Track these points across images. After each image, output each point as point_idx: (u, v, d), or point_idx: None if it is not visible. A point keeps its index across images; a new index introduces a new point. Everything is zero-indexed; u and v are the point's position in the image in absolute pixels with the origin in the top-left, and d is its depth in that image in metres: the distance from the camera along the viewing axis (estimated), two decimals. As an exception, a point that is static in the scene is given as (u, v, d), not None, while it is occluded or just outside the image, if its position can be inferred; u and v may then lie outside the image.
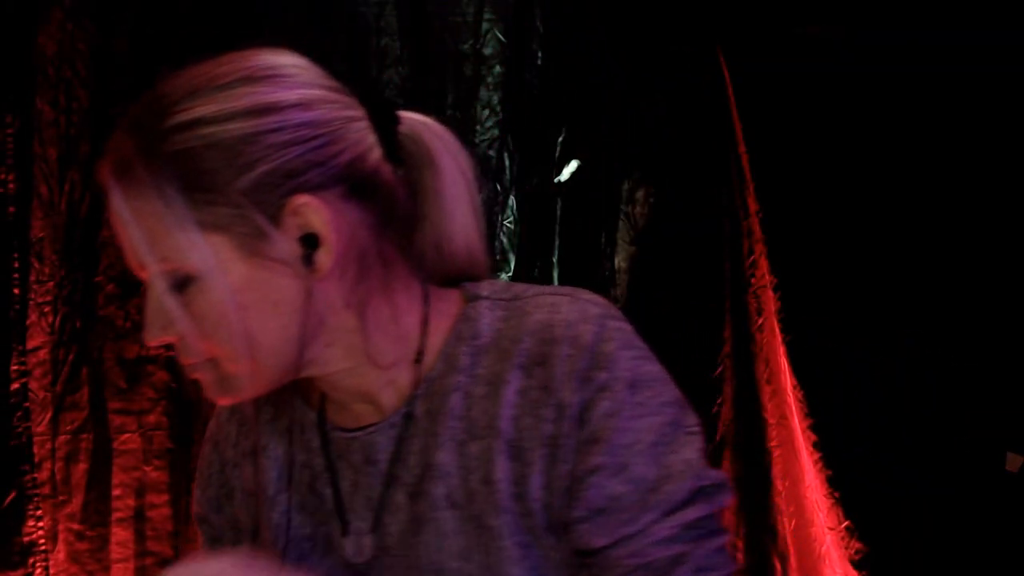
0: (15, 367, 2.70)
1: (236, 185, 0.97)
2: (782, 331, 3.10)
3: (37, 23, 2.71)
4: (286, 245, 0.99)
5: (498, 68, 3.00)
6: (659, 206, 3.09)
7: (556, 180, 3.02)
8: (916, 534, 3.11)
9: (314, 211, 0.99)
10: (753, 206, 3.11)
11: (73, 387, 2.73)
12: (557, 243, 3.02)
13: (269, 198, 0.98)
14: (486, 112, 2.99)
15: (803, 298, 3.08)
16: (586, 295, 1.09)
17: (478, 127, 2.99)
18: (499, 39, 2.98)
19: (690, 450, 1.04)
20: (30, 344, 2.71)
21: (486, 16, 2.97)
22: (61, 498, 2.73)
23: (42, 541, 2.70)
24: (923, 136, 3.07)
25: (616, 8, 3.05)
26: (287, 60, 1.04)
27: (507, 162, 2.99)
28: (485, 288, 1.11)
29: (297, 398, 1.16)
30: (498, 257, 2.98)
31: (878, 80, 3.06)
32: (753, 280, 3.11)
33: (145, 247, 0.99)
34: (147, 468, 2.77)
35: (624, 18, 3.05)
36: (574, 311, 1.05)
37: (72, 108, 2.73)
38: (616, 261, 3.07)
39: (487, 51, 2.99)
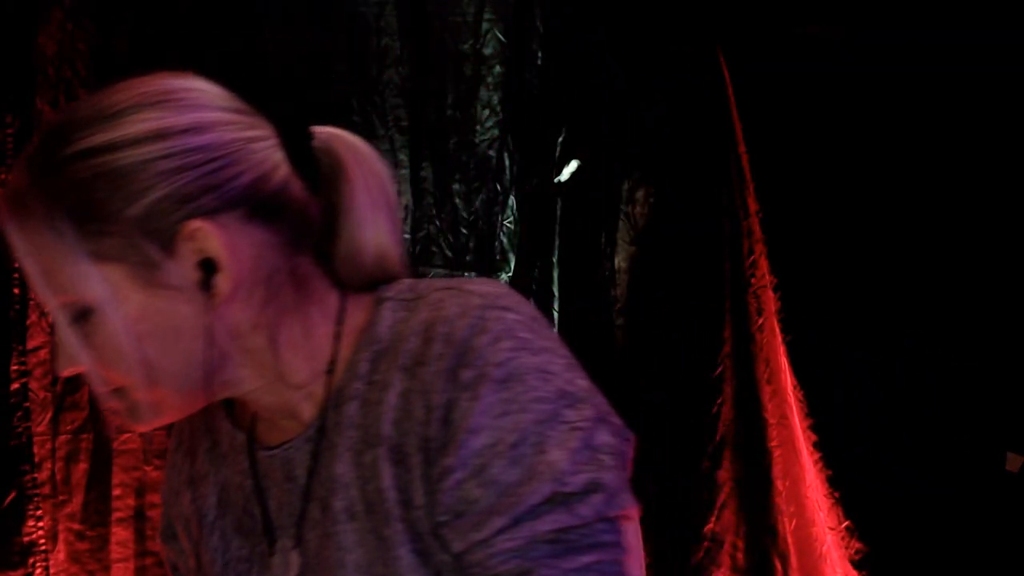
0: (15, 367, 2.69)
1: (127, 214, 0.96)
2: (782, 331, 3.10)
3: (37, 23, 2.71)
4: (182, 272, 0.98)
5: (498, 68, 2.99)
6: (659, 206, 3.09)
7: (556, 180, 3.02)
8: (916, 534, 3.11)
9: (209, 236, 0.97)
10: (753, 206, 3.11)
11: (73, 387, 2.73)
12: (557, 243, 3.02)
13: (162, 225, 0.97)
14: (486, 112, 2.99)
15: (803, 298, 3.08)
16: (473, 285, 1.05)
17: (478, 127, 2.99)
18: (499, 39, 2.98)
19: (563, 451, 0.95)
20: (30, 344, 2.71)
21: (486, 16, 2.97)
22: (61, 498, 2.73)
23: (42, 541, 2.70)
24: (923, 136, 3.07)
25: (616, 8, 3.05)
26: (184, 84, 1.03)
27: (507, 162, 2.99)
28: (392, 290, 1.08)
29: (227, 422, 1.15)
30: (498, 257, 2.98)
31: (878, 80, 3.06)
32: (753, 280, 3.11)
33: (43, 280, 0.98)
34: (147, 468, 2.77)
35: (624, 18, 3.05)
36: (455, 306, 1.01)
37: (72, 108, 2.72)
38: (616, 261, 3.06)
39: (487, 51, 2.99)
